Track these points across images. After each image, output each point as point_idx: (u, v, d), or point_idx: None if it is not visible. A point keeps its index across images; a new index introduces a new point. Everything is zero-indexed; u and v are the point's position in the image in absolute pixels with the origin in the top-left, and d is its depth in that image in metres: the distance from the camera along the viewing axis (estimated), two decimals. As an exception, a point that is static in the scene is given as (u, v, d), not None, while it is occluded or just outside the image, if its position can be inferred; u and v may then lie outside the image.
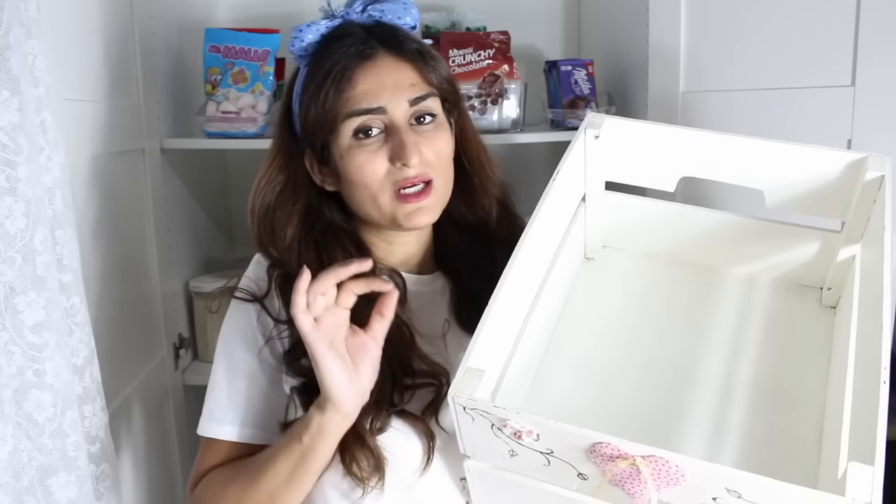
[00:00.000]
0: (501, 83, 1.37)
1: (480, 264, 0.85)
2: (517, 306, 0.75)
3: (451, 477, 0.79)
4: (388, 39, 0.81)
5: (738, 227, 0.86)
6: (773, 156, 0.79)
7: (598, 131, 0.83)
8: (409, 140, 0.78)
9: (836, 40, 1.11)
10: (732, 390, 0.76)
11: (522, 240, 0.73)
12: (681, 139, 0.83)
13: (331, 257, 0.82)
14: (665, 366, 0.79)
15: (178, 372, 1.41)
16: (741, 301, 0.85)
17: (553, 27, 1.70)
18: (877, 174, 0.74)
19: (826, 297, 0.83)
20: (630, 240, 0.92)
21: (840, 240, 0.80)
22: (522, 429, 0.60)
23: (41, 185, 0.80)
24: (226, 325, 0.85)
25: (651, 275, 0.90)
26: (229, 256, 1.70)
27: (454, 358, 0.82)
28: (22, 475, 0.78)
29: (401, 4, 0.84)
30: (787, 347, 0.80)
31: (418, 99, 0.80)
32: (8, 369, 0.77)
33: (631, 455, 0.57)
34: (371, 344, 0.73)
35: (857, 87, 1.11)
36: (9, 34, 0.74)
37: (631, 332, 0.84)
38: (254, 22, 1.57)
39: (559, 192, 0.79)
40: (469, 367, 0.63)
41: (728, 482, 0.54)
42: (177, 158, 1.42)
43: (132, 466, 1.19)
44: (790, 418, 0.73)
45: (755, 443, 0.72)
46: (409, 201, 0.80)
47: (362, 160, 0.79)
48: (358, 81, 0.79)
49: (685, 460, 0.55)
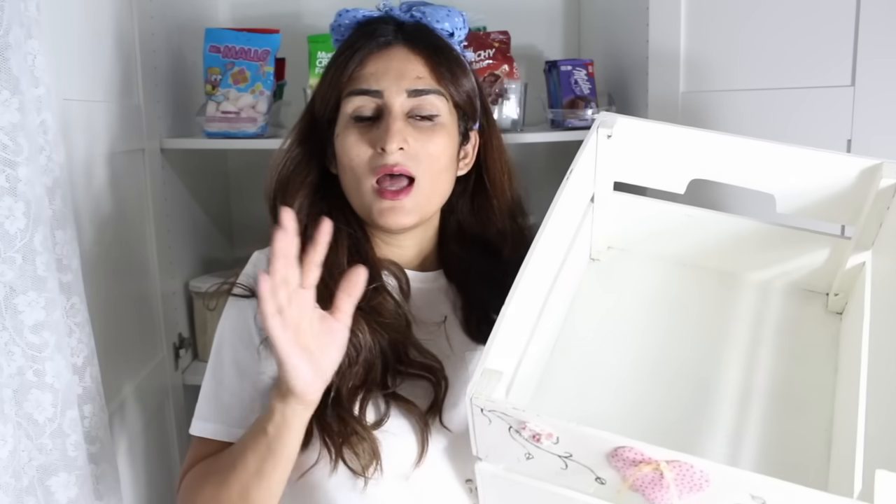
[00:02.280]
0: (501, 83, 1.37)
1: (488, 274, 0.84)
2: (531, 307, 0.74)
3: (457, 478, 0.79)
4: (413, 32, 0.82)
5: (747, 231, 0.85)
6: (785, 160, 0.79)
7: (611, 130, 0.82)
8: (394, 126, 0.78)
9: (836, 41, 1.11)
10: (740, 394, 0.75)
11: (536, 241, 0.71)
12: (692, 141, 0.82)
13: (337, 235, 0.81)
14: (672, 370, 0.79)
15: (178, 372, 1.42)
16: (748, 305, 0.85)
17: (553, 27, 1.70)
18: (892, 181, 0.73)
19: (832, 303, 0.83)
20: (636, 241, 0.91)
21: (850, 246, 0.79)
22: (542, 431, 0.58)
23: (41, 185, 0.80)
24: (221, 325, 0.85)
25: (658, 277, 0.89)
26: (229, 256, 1.70)
27: (449, 351, 0.82)
28: (22, 475, 0.78)
29: (444, 11, 0.84)
30: (794, 352, 0.79)
31: (419, 92, 0.80)
32: (8, 369, 0.77)
33: (655, 459, 0.55)
34: (338, 327, 0.70)
35: (857, 87, 1.11)
36: (9, 34, 0.74)
37: (637, 335, 0.83)
38: (254, 22, 1.57)
39: (572, 192, 0.79)
40: (487, 369, 0.62)
41: (753, 488, 0.53)
42: (177, 158, 1.42)
43: (132, 466, 1.19)
44: (798, 424, 0.72)
45: (763, 448, 0.71)
46: (386, 197, 0.79)
47: (351, 141, 0.80)
48: (367, 64, 0.81)
49: (710, 465, 0.54)
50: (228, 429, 0.81)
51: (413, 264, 0.89)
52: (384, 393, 0.77)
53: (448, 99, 0.82)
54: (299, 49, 1.42)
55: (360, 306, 0.79)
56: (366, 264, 0.83)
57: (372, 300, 0.81)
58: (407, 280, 0.86)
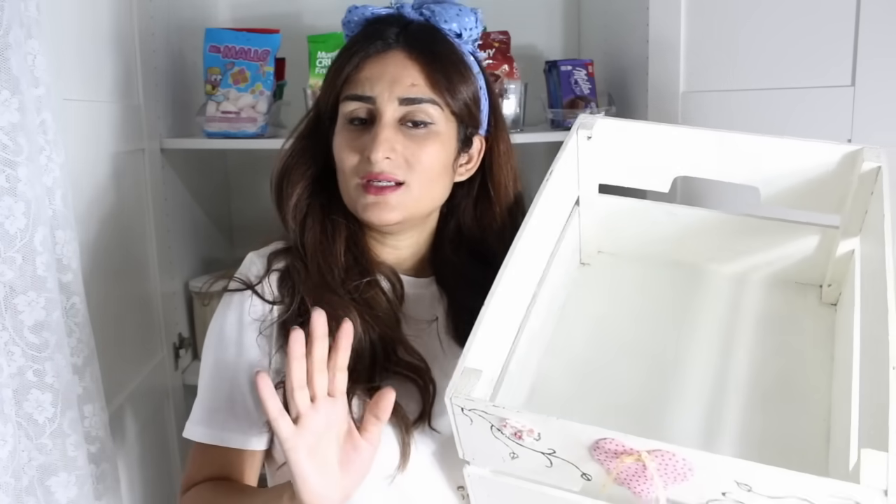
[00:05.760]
0: (501, 83, 1.37)
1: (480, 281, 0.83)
2: (514, 308, 0.74)
3: (448, 483, 0.78)
4: (412, 38, 0.81)
5: (734, 225, 0.85)
6: (766, 151, 0.79)
7: (591, 132, 0.83)
8: (381, 135, 0.77)
9: (836, 40, 1.11)
10: (739, 390, 0.75)
11: (517, 241, 0.72)
12: (674, 138, 0.82)
13: (335, 223, 0.83)
14: (667, 369, 0.79)
15: (177, 372, 1.42)
16: (742, 301, 0.85)
17: (553, 27, 1.70)
18: (873, 165, 0.73)
19: (826, 295, 0.83)
20: (626, 243, 0.92)
21: (838, 235, 0.79)
22: (523, 428, 0.58)
23: (41, 185, 0.80)
24: (213, 324, 0.83)
25: (649, 278, 0.89)
26: (229, 256, 1.70)
27: (441, 354, 0.81)
28: (22, 475, 0.78)
29: (454, 10, 0.83)
30: (790, 345, 0.80)
31: (411, 100, 0.79)
32: (8, 369, 0.77)
33: (636, 450, 0.55)
34: (365, 448, 0.67)
35: (857, 87, 1.11)
36: (9, 34, 0.74)
37: (631, 336, 0.83)
38: (254, 22, 1.57)
39: (553, 192, 0.79)
40: (466, 368, 0.62)
41: (738, 474, 0.53)
42: (177, 158, 1.42)
43: (132, 466, 1.19)
44: (796, 416, 0.72)
45: (762, 440, 0.71)
46: (370, 192, 0.78)
47: (343, 143, 0.80)
48: (363, 68, 0.80)
49: (693, 453, 0.54)
50: (224, 434, 0.79)
51: (407, 266, 0.88)
52: (369, 387, 0.75)
53: (444, 107, 0.80)
54: (299, 49, 1.42)
55: (353, 297, 0.80)
56: (361, 258, 0.83)
57: (365, 293, 0.81)
58: (401, 284, 0.85)
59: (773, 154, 0.79)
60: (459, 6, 0.84)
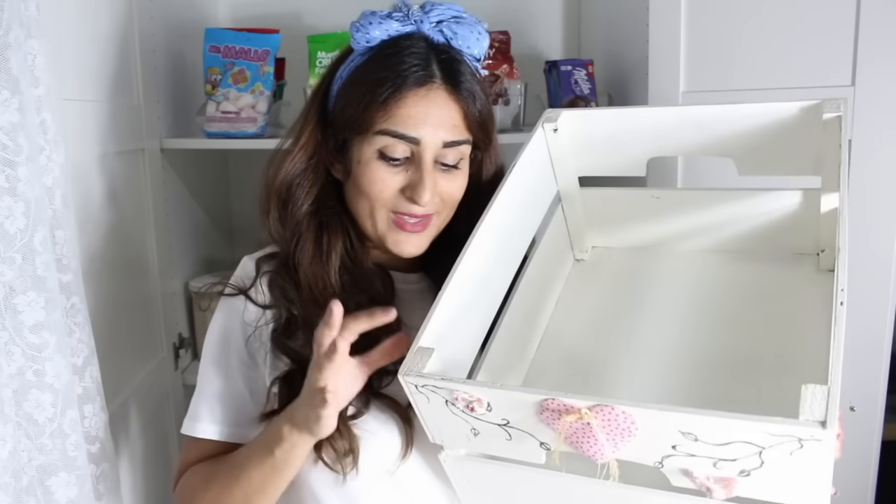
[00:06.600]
0: (501, 83, 1.37)
1: None
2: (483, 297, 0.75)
3: (446, 481, 0.78)
4: (450, 72, 0.80)
5: (717, 201, 0.85)
6: (726, 118, 0.78)
7: (556, 125, 0.83)
8: (428, 180, 0.78)
9: (836, 41, 1.11)
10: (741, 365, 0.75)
11: (475, 232, 0.73)
12: (642, 120, 0.82)
13: (331, 241, 0.82)
14: (668, 351, 0.78)
15: (177, 372, 1.42)
16: (737, 277, 0.85)
17: (553, 27, 1.70)
18: (834, 114, 0.72)
19: (822, 261, 0.82)
20: (617, 234, 0.92)
21: (819, 195, 0.78)
22: (472, 398, 0.60)
23: (41, 185, 0.80)
24: (211, 325, 0.86)
25: (642, 266, 0.89)
26: (229, 256, 1.69)
27: None
28: (22, 475, 0.78)
29: (475, 34, 0.82)
30: (790, 315, 0.79)
31: (454, 143, 0.79)
32: (8, 369, 0.77)
33: (576, 407, 0.55)
34: (362, 374, 0.73)
35: (857, 87, 1.11)
36: (9, 34, 0.74)
37: (629, 325, 0.83)
38: (254, 22, 1.57)
39: (518, 185, 0.79)
40: (419, 347, 0.64)
41: (680, 424, 0.53)
42: (177, 158, 1.42)
43: (132, 466, 1.19)
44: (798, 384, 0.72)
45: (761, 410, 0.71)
46: (405, 228, 0.80)
47: (378, 177, 0.79)
48: (406, 103, 0.77)
49: (631, 407, 0.54)
50: (220, 427, 0.83)
51: (399, 262, 0.88)
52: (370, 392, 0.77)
53: (472, 142, 0.83)
54: (299, 49, 1.41)
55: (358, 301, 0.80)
56: (358, 270, 0.84)
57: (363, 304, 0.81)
58: (392, 284, 0.86)
59: (734, 121, 0.78)
60: (479, 26, 0.83)
